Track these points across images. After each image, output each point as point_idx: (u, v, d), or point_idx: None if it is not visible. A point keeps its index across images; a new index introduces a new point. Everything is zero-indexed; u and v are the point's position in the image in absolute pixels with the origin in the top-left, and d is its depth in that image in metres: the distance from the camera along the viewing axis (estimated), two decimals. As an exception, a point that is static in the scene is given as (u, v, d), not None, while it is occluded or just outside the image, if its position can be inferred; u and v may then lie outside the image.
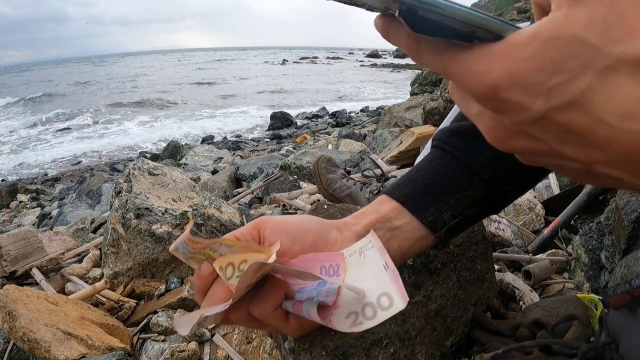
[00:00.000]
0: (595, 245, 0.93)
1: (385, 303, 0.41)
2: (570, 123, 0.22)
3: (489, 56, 0.22)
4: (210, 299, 0.42)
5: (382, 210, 0.49)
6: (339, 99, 15.95)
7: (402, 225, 0.47)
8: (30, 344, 0.75)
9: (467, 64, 0.23)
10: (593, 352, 0.46)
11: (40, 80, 27.82)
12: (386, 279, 0.42)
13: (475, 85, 0.23)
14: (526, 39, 0.22)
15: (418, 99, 4.37)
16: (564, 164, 0.25)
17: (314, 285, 0.41)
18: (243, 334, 0.87)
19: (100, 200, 2.90)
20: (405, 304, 0.40)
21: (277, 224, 0.45)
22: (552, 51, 0.21)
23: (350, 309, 0.42)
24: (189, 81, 23.91)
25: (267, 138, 8.77)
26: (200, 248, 0.41)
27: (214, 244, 0.41)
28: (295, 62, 42.52)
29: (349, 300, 0.42)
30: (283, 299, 0.42)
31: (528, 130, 0.24)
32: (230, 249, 0.42)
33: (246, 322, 0.43)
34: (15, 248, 1.13)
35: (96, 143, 10.34)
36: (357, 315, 0.42)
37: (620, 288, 0.37)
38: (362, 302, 0.42)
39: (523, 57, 0.21)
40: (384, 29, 0.27)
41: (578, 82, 0.21)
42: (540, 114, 0.22)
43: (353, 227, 0.48)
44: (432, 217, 0.47)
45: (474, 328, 0.69)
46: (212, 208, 1.23)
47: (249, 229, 0.46)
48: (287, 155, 3.11)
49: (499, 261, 0.99)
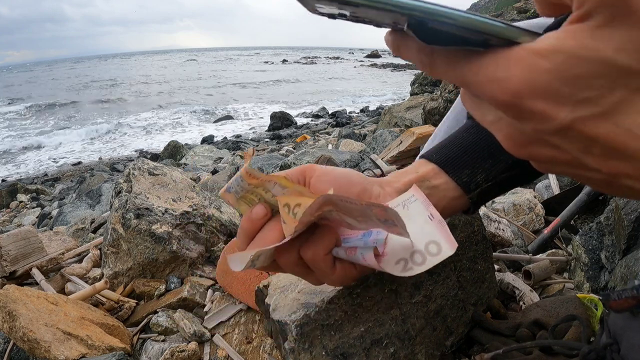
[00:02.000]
0: (595, 245, 0.93)
1: (434, 250, 0.43)
2: (598, 134, 0.21)
3: (507, 62, 0.22)
4: (259, 241, 0.43)
5: (420, 170, 0.52)
6: (339, 99, 15.95)
7: (439, 184, 0.50)
8: (30, 344, 0.75)
9: (486, 71, 0.23)
10: (594, 354, 0.46)
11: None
12: (432, 228, 0.44)
13: (497, 93, 0.22)
14: (547, 51, 0.21)
15: (418, 99, 4.37)
16: (585, 174, 0.24)
17: (359, 236, 0.43)
18: (243, 334, 0.87)
19: (100, 200, 2.90)
20: (453, 250, 0.42)
21: (324, 173, 0.47)
22: (578, 69, 0.20)
23: (398, 257, 0.44)
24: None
25: (267, 138, 8.77)
26: (256, 184, 0.41)
27: (269, 182, 0.41)
28: (295, 61, 42.54)
29: (396, 248, 0.44)
30: (334, 244, 0.43)
31: (550, 139, 0.23)
32: (284, 191, 0.42)
33: (294, 266, 0.44)
34: (15, 248, 1.13)
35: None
36: (407, 261, 0.43)
37: (626, 293, 0.37)
38: (410, 249, 0.43)
39: (545, 68, 0.21)
40: (394, 44, 0.26)
41: (609, 96, 0.20)
42: (565, 123, 0.21)
43: (394, 184, 0.51)
44: (467, 178, 0.50)
45: (474, 328, 0.69)
46: (212, 208, 1.23)
47: (296, 173, 0.47)
48: (287, 155, 3.11)
49: (499, 261, 0.99)
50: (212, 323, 0.90)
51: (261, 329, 0.87)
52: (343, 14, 0.24)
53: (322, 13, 0.25)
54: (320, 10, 0.25)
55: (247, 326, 0.89)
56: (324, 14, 0.25)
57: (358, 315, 0.58)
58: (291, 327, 0.55)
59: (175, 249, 1.07)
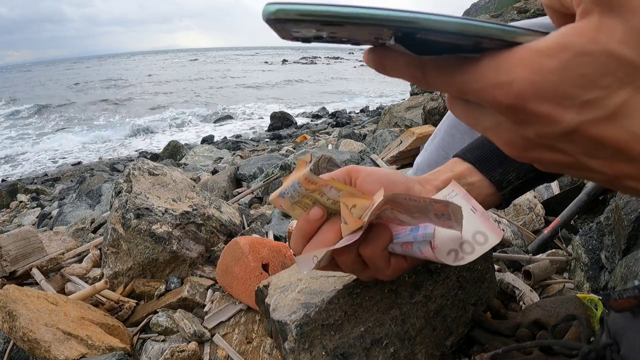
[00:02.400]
0: (595, 245, 0.93)
1: (481, 239, 0.46)
2: (604, 137, 0.21)
3: (509, 65, 0.21)
4: (318, 242, 0.45)
5: (456, 169, 0.55)
6: (339, 99, 15.95)
7: (474, 182, 0.54)
8: (30, 344, 0.75)
9: (486, 76, 0.22)
10: (594, 353, 0.46)
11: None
12: (476, 219, 0.47)
13: (500, 97, 0.21)
14: (552, 49, 0.20)
15: (418, 99, 4.37)
16: (588, 175, 0.24)
17: (407, 231, 0.45)
18: (243, 334, 0.87)
19: (100, 200, 2.90)
20: (499, 239, 0.45)
21: (369, 174, 0.49)
22: (584, 67, 0.19)
23: (448, 248, 0.46)
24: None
25: (267, 138, 8.77)
26: (314, 189, 0.43)
27: (325, 186, 0.43)
28: (295, 62, 42.52)
29: (445, 240, 0.47)
30: (389, 241, 0.45)
31: (554, 143, 0.23)
32: (339, 193, 0.44)
33: (352, 263, 0.46)
34: (15, 248, 1.13)
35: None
36: (457, 252, 0.46)
37: (627, 293, 0.37)
38: (459, 240, 0.46)
39: (550, 68, 0.20)
40: (377, 62, 0.25)
41: (615, 97, 0.20)
42: (571, 127, 0.21)
43: (433, 182, 0.53)
44: (499, 176, 0.54)
45: (474, 328, 0.69)
46: (212, 208, 1.23)
47: (342, 174, 0.49)
48: (287, 155, 3.11)
49: (499, 261, 0.99)
50: (212, 323, 0.90)
51: (261, 329, 0.87)
52: (319, 35, 0.23)
53: (297, 38, 0.24)
54: (295, 35, 0.24)
55: (247, 326, 0.89)
56: (298, 38, 0.24)
57: (358, 315, 0.58)
58: (291, 327, 0.55)
59: (175, 249, 1.07)
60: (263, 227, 1.33)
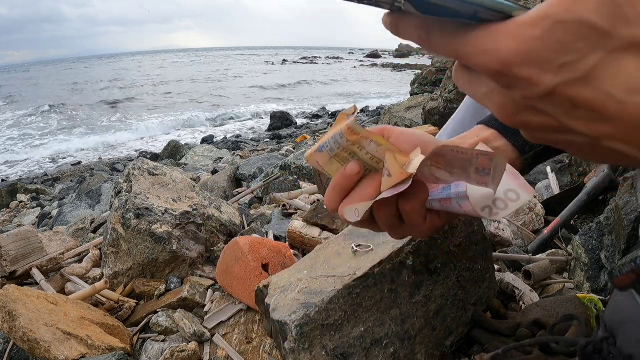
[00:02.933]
0: (595, 245, 0.93)
1: (513, 197, 0.47)
2: (579, 97, 0.23)
3: (499, 34, 0.24)
4: (356, 197, 0.46)
5: (481, 135, 0.58)
6: (339, 99, 15.94)
7: (499, 146, 0.57)
8: (30, 344, 0.75)
9: (478, 43, 0.25)
10: (591, 347, 0.46)
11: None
12: (507, 178, 0.48)
13: (488, 62, 0.24)
14: (535, 19, 0.23)
15: (418, 99, 4.37)
16: (571, 138, 0.26)
17: (439, 190, 0.46)
18: (243, 334, 0.87)
19: (100, 200, 2.90)
20: (531, 196, 0.49)
21: (402, 133, 0.50)
22: (562, 33, 0.22)
23: (482, 204, 0.47)
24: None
25: (267, 138, 8.77)
26: (355, 140, 0.43)
27: (366, 139, 0.43)
28: (295, 62, 42.52)
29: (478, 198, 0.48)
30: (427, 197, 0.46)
31: (537, 105, 0.25)
32: (378, 148, 0.44)
33: (390, 218, 0.47)
34: (15, 248, 1.13)
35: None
36: (491, 208, 0.47)
37: (625, 268, 0.38)
38: (491, 198, 0.47)
39: (532, 36, 0.23)
40: (393, 24, 0.28)
41: (588, 60, 0.22)
42: (550, 88, 0.23)
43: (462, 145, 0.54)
44: (523, 141, 0.56)
45: (474, 328, 0.69)
46: (212, 208, 1.23)
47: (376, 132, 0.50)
48: (287, 155, 3.11)
49: (499, 261, 0.99)
50: (212, 323, 0.90)
51: (261, 329, 0.87)
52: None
53: None
54: None
55: (247, 326, 0.89)
56: None
57: (358, 315, 0.58)
58: (291, 327, 0.55)
59: (175, 249, 1.07)
60: (263, 227, 1.33)
